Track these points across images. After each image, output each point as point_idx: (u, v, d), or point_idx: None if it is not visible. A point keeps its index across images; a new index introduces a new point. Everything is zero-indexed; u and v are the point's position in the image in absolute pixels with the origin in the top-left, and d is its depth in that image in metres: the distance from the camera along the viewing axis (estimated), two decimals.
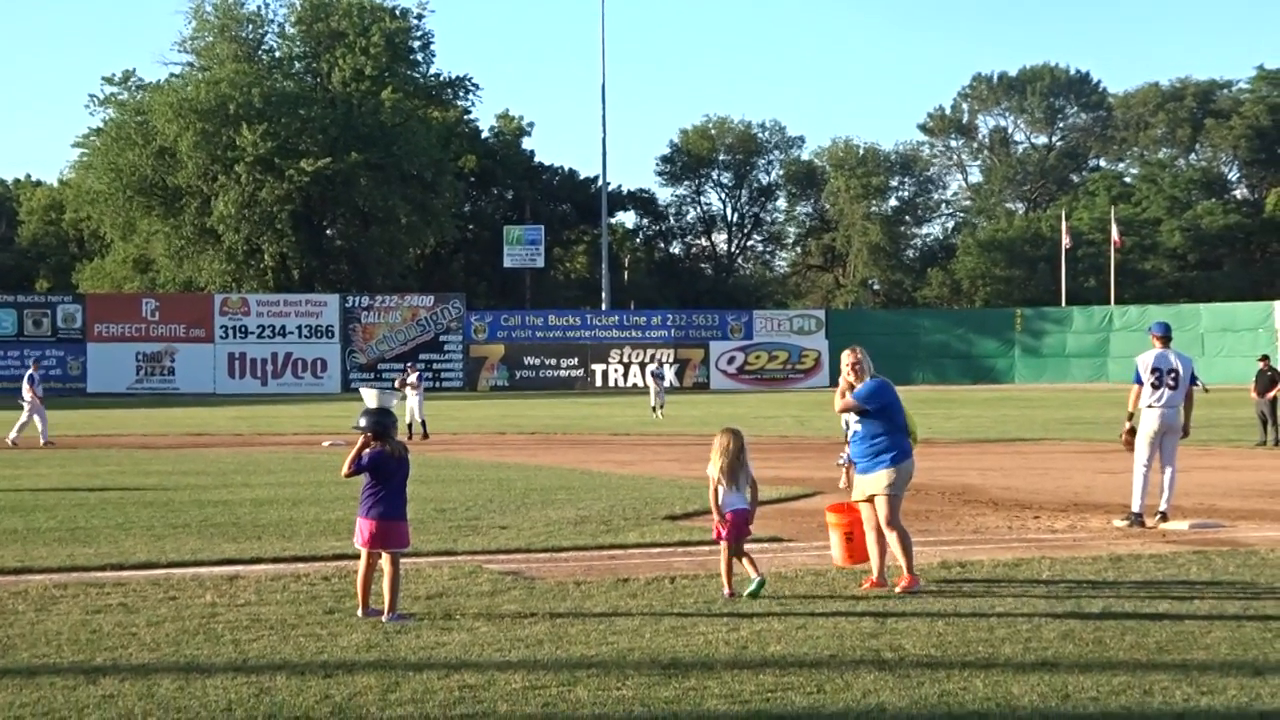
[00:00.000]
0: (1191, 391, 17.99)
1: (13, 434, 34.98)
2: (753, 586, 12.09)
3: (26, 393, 35.53)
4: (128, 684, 9.03)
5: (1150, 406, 17.69)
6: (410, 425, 36.07)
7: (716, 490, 12.46)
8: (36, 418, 35.10)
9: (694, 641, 10.29)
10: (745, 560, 12.31)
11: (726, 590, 12.14)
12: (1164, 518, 17.45)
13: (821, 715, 8.23)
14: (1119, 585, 12.63)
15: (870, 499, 12.66)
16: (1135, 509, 17.46)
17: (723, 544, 12.34)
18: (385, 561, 11.39)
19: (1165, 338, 18.11)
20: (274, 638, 10.47)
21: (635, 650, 9.98)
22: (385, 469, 11.53)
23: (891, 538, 12.47)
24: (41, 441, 34.53)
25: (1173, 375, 17.73)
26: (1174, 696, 8.61)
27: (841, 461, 14.15)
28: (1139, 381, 17.79)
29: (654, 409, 49.43)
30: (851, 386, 13.05)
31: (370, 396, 11.98)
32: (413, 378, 37.89)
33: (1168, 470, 17.73)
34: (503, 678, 9.15)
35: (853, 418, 12.90)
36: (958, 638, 10.36)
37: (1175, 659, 9.66)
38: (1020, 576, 13.11)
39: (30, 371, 36.87)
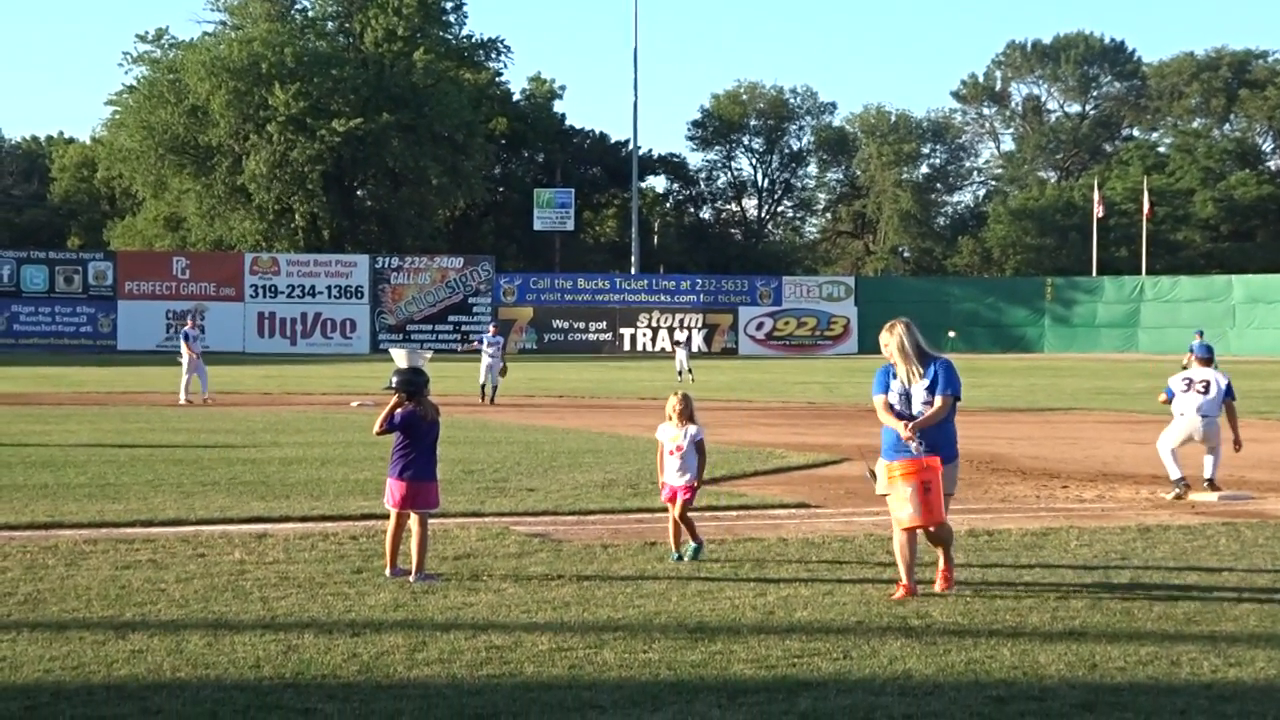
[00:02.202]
0: (1232, 406, 17.87)
1: (204, 393, 35.02)
2: (691, 552, 12.43)
3: (185, 350, 35.48)
4: (156, 639, 9.09)
5: (1182, 414, 17.68)
6: (495, 387, 36.11)
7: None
8: (185, 374, 35.11)
9: (720, 606, 10.31)
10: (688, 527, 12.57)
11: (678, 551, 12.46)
12: (1212, 485, 17.46)
13: (848, 681, 8.23)
14: (1147, 556, 12.60)
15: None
16: (1175, 477, 17.42)
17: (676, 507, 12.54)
18: (414, 522, 11.43)
19: (1206, 360, 18.25)
20: (302, 596, 10.52)
21: (662, 614, 10.01)
22: (416, 429, 11.56)
23: (940, 533, 11.07)
24: (181, 399, 34.59)
25: (1203, 383, 17.70)
26: (1202, 668, 8.60)
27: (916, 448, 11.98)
28: (1170, 396, 17.91)
29: (683, 373, 49.54)
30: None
31: (400, 356, 12.02)
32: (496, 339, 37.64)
33: (1209, 456, 17.72)
34: (530, 639, 9.18)
35: (922, 396, 10.97)
36: (985, 606, 10.36)
37: (1203, 630, 9.65)
38: (1048, 546, 13.10)
39: (186, 329, 36.84)
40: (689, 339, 56.27)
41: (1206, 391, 17.66)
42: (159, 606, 10.13)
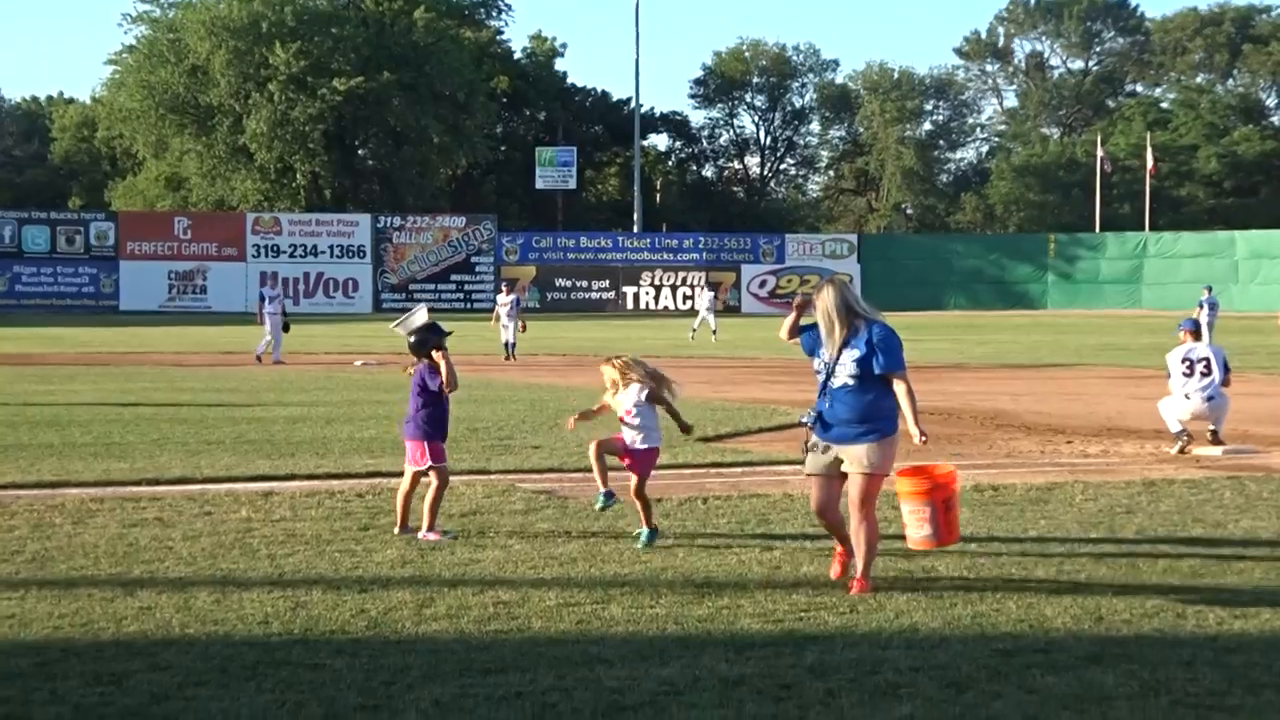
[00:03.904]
0: (1228, 380, 17.92)
1: (276, 354, 34.80)
2: (645, 538, 11.08)
3: (266, 310, 35.49)
4: (165, 596, 9.11)
5: (1187, 397, 17.68)
6: (514, 344, 36.75)
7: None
8: (268, 334, 35.12)
9: (727, 561, 10.33)
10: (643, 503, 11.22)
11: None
12: (1216, 438, 17.49)
13: (854, 635, 8.25)
14: (1152, 510, 12.61)
15: (845, 475, 9.66)
16: (1176, 430, 17.50)
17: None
18: (433, 478, 11.45)
19: (1195, 332, 18.31)
20: (309, 553, 10.54)
21: (668, 569, 10.03)
22: (419, 386, 11.74)
23: (863, 529, 9.56)
24: (257, 353, 34.68)
25: (1204, 362, 17.74)
26: (1207, 620, 8.62)
27: (806, 420, 9.86)
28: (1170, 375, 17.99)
29: (696, 330, 50.11)
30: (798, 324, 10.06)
31: (420, 313, 11.92)
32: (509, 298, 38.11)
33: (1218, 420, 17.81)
34: (537, 594, 9.20)
35: (849, 367, 9.47)
36: (991, 560, 10.38)
37: (1209, 583, 9.67)
38: (1053, 500, 13.10)
39: (263, 289, 36.63)
40: (714, 296, 56.22)
41: (1209, 372, 17.68)
42: (167, 564, 10.15)
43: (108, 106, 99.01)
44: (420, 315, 11.95)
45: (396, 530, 11.37)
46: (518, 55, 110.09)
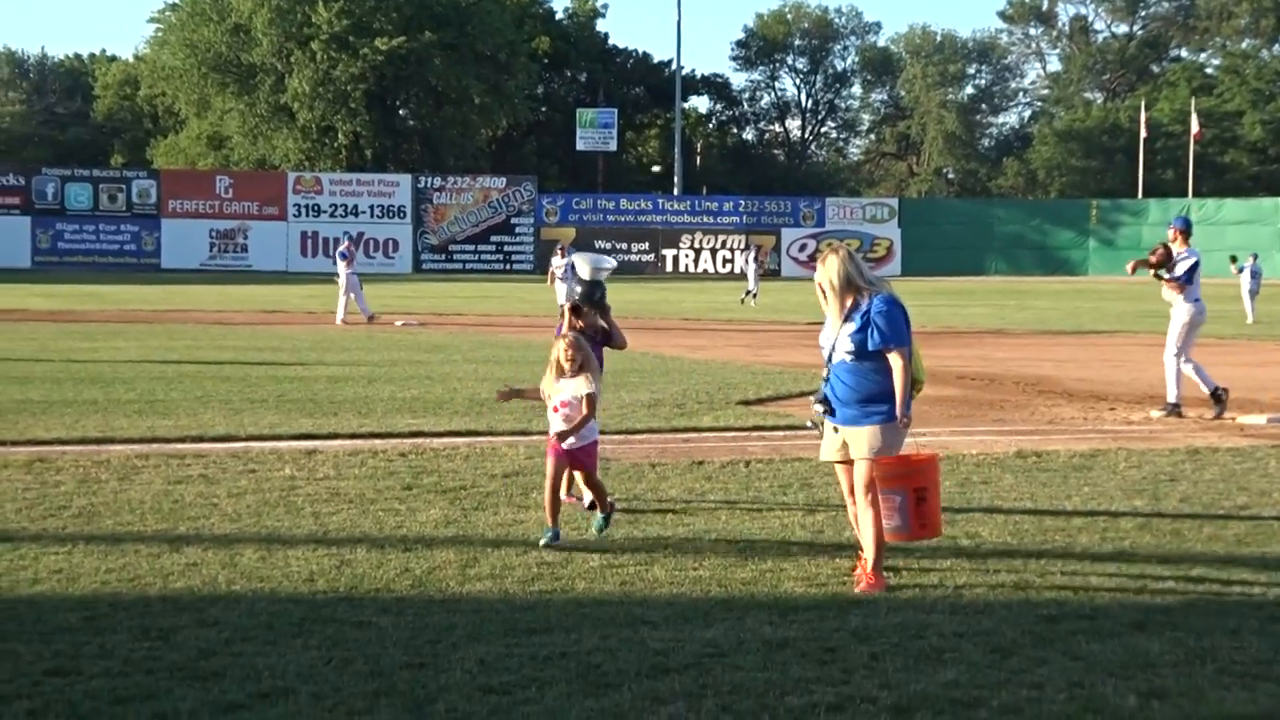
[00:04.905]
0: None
1: (358, 311, 34.87)
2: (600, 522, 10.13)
3: (342, 269, 35.43)
4: (210, 553, 9.17)
5: (1185, 300, 17.66)
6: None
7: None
8: (342, 294, 35.05)
9: (770, 525, 10.34)
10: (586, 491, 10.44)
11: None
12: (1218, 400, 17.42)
13: (898, 599, 8.26)
14: (1196, 477, 12.55)
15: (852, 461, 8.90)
16: (1172, 399, 17.49)
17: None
18: None
19: (1185, 232, 18.09)
20: (353, 511, 10.59)
21: (711, 532, 10.05)
22: None
23: (867, 518, 8.75)
24: (338, 320, 34.46)
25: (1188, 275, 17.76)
26: (1253, 588, 8.60)
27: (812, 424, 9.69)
28: (1189, 281, 17.69)
29: (748, 295, 50.12)
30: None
31: (599, 265, 11.77)
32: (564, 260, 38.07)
33: (1192, 367, 17.72)
34: (580, 556, 9.23)
35: (845, 343, 8.72)
36: (1034, 527, 10.35)
37: (1254, 551, 9.63)
38: (1096, 467, 13.05)
39: (341, 248, 36.64)
40: (757, 256, 55.56)
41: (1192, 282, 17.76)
42: (212, 521, 10.22)
43: (150, 65, 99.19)
44: (601, 268, 11.80)
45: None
46: (559, 16, 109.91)
